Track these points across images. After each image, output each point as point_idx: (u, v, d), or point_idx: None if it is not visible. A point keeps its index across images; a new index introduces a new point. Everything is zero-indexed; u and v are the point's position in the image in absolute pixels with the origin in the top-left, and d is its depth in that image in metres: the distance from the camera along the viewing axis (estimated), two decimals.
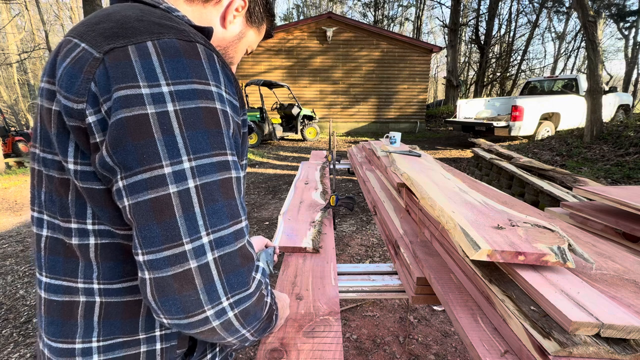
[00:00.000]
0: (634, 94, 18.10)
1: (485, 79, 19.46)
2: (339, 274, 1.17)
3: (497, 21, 19.65)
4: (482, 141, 5.99)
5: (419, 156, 2.03)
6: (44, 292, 0.51)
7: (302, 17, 30.25)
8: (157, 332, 0.52)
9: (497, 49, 20.75)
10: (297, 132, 10.59)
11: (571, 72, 21.69)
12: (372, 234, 3.67)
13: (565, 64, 23.09)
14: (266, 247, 1.00)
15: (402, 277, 1.10)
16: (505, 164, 4.37)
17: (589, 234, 1.04)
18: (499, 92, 20.53)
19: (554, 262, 0.69)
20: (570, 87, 9.26)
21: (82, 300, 0.49)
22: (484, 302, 0.75)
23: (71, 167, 0.45)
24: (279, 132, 10.16)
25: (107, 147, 0.41)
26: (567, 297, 0.61)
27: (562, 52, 22.17)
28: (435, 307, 2.35)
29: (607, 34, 21.08)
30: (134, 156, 0.41)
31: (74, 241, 0.48)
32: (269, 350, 0.73)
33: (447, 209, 0.94)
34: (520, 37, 21.15)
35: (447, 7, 20.51)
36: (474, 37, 19.27)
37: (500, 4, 18.99)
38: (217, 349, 0.62)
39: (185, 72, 0.43)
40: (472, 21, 20.17)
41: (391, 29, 25.34)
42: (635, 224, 1.08)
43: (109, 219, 0.47)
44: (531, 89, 10.28)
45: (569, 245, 0.73)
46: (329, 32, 12.55)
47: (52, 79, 0.45)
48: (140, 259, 0.42)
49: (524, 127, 7.91)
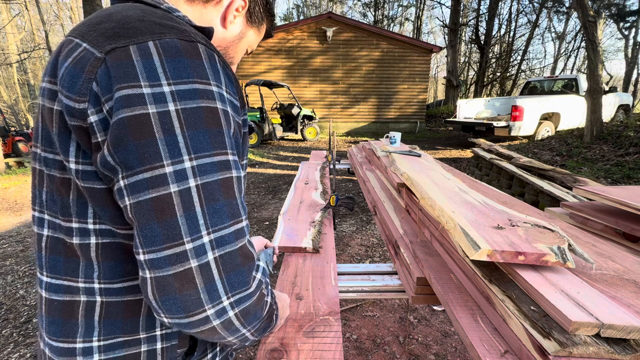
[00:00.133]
0: (634, 94, 18.10)
1: (485, 79, 19.46)
2: (339, 274, 1.18)
3: (497, 21, 19.68)
4: (482, 141, 5.99)
5: (419, 156, 2.04)
6: (45, 292, 0.51)
7: (302, 17, 30.26)
8: (158, 332, 0.52)
9: (497, 49, 20.75)
10: (297, 132, 10.59)
11: (571, 72, 21.69)
12: (372, 234, 3.67)
13: (565, 64, 23.11)
14: (266, 248, 1.00)
15: (402, 277, 1.10)
16: (505, 164, 4.37)
17: (589, 234, 1.04)
18: (499, 92, 20.52)
19: (554, 262, 0.69)
20: (570, 87, 9.26)
21: (82, 299, 0.49)
22: (484, 302, 0.75)
23: (72, 166, 0.45)
24: (279, 132, 10.16)
25: (108, 146, 0.41)
26: (567, 297, 0.61)
27: (562, 52, 22.18)
28: (435, 307, 2.35)
29: (607, 34, 21.10)
30: (135, 155, 0.41)
31: (75, 241, 0.48)
32: (269, 350, 0.73)
33: (447, 209, 0.94)
34: (520, 37, 21.17)
35: (447, 7, 20.52)
36: (474, 37, 19.27)
37: (500, 4, 19.00)
38: (218, 348, 0.62)
39: (186, 72, 0.43)
40: (472, 21, 20.17)
41: (391, 29, 25.33)
42: (635, 224, 1.08)
43: (110, 218, 0.47)
44: (531, 89, 10.28)
45: (569, 245, 0.74)
46: (329, 32, 12.55)
47: (54, 78, 0.45)
48: (141, 258, 0.42)
49: (524, 127, 7.91)
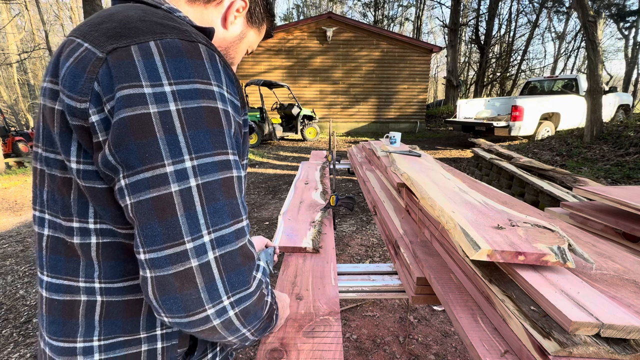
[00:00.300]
0: (634, 94, 18.10)
1: (485, 79, 19.45)
2: (339, 274, 1.18)
3: (497, 21, 19.67)
4: (482, 141, 5.99)
5: (419, 156, 2.04)
6: (46, 291, 0.51)
7: (302, 17, 30.26)
8: (158, 331, 0.53)
9: (497, 49, 20.74)
10: (297, 132, 10.58)
11: (571, 72, 21.69)
12: (372, 234, 3.67)
13: (565, 64, 23.10)
14: (266, 247, 1.01)
15: (402, 277, 1.10)
16: (505, 164, 4.37)
17: (589, 234, 1.04)
18: (499, 92, 20.52)
19: (554, 262, 0.69)
20: (570, 87, 9.26)
21: (83, 299, 0.49)
22: (484, 302, 0.75)
23: (74, 166, 0.46)
24: (279, 132, 10.16)
25: (109, 146, 0.41)
26: (567, 297, 0.61)
27: (562, 52, 22.17)
28: (435, 307, 2.35)
29: (607, 34, 21.08)
30: (136, 155, 0.41)
31: (76, 240, 0.48)
32: (269, 350, 0.73)
33: (447, 209, 0.94)
34: (520, 37, 21.16)
35: (447, 7, 20.52)
36: (474, 37, 19.26)
37: (500, 4, 19.00)
38: (218, 348, 0.62)
39: (187, 72, 0.43)
40: (472, 21, 20.17)
41: (391, 29, 25.33)
42: (635, 224, 1.08)
43: (110, 217, 0.47)
44: (531, 89, 10.28)
45: (569, 245, 0.74)
46: (329, 32, 12.54)
47: (55, 78, 0.46)
48: (141, 257, 0.43)
49: (524, 127, 7.91)
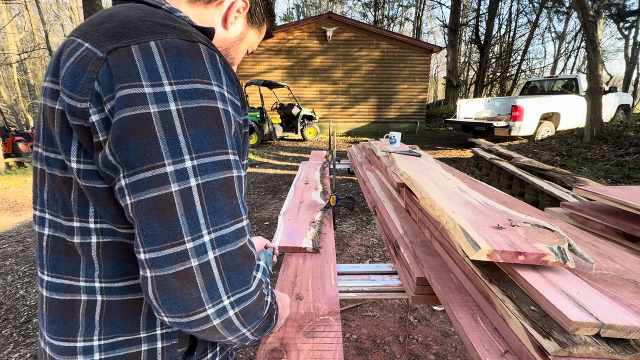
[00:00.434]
0: (634, 94, 18.10)
1: (485, 79, 19.45)
2: (339, 274, 1.18)
3: (497, 21, 19.67)
4: (482, 141, 5.99)
5: (419, 156, 2.04)
6: (46, 291, 0.51)
7: (302, 17, 30.26)
8: (158, 331, 0.53)
9: (497, 49, 20.74)
10: (297, 132, 10.58)
11: (571, 72, 21.69)
12: (372, 234, 3.67)
13: (565, 64, 23.09)
14: (266, 248, 1.01)
15: (402, 277, 1.10)
16: (505, 164, 4.37)
17: (589, 234, 1.04)
18: (499, 92, 20.52)
19: (554, 262, 0.69)
20: (570, 87, 9.26)
21: (83, 298, 0.49)
22: (484, 302, 0.75)
23: (74, 165, 0.46)
24: (279, 132, 10.16)
25: (110, 145, 0.42)
26: (567, 297, 0.61)
27: (562, 52, 22.17)
28: (435, 307, 2.35)
29: (607, 34, 21.10)
30: (137, 155, 0.41)
31: (76, 240, 0.48)
32: (269, 350, 0.73)
33: (447, 209, 0.94)
34: (520, 37, 21.15)
35: (447, 7, 20.51)
36: (474, 37, 19.26)
37: (500, 4, 18.99)
38: (218, 348, 0.62)
39: (187, 72, 0.43)
40: (472, 21, 20.16)
41: (391, 29, 25.33)
42: (635, 224, 1.08)
43: (111, 217, 0.47)
44: (531, 89, 10.28)
45: (569, 245, 0.74)
46: (329, 32, 12.54)
47: (56, 78, 0.46)
48: (141, 257, 0.43)
49: (524, 127, 7.91)
